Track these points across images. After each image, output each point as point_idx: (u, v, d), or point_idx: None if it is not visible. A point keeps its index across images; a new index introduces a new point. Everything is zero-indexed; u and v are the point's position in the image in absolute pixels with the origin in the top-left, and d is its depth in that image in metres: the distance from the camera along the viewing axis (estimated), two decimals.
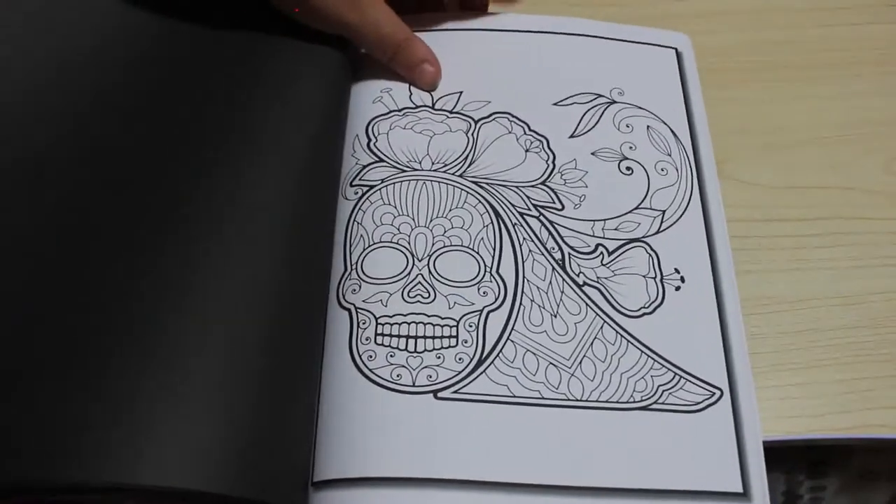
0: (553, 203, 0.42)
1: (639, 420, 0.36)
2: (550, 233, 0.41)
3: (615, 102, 0.46)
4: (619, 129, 0.45)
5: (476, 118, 0.45)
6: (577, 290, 0.40)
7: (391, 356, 0.37)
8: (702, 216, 0.42)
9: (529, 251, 0.41)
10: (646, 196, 0.43)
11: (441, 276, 0.40)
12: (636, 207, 0.43)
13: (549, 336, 0.38)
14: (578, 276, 0.40)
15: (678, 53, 0.49)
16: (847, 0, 0.53)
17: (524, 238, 0.41)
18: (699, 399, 0.37)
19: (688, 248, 0.41)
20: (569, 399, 0.37)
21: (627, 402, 0.37)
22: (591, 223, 0.42)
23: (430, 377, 0.37)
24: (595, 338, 0.39)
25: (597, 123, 0.45)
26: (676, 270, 0.41)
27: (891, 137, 0.47)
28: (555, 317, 0.39)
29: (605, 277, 0.40)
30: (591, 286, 0.40)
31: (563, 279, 0.40)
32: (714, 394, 0.37)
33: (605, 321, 0.39)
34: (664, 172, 0.44)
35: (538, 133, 0.45)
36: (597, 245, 0.41)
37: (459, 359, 0.37)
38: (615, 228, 0.42)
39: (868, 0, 0.53)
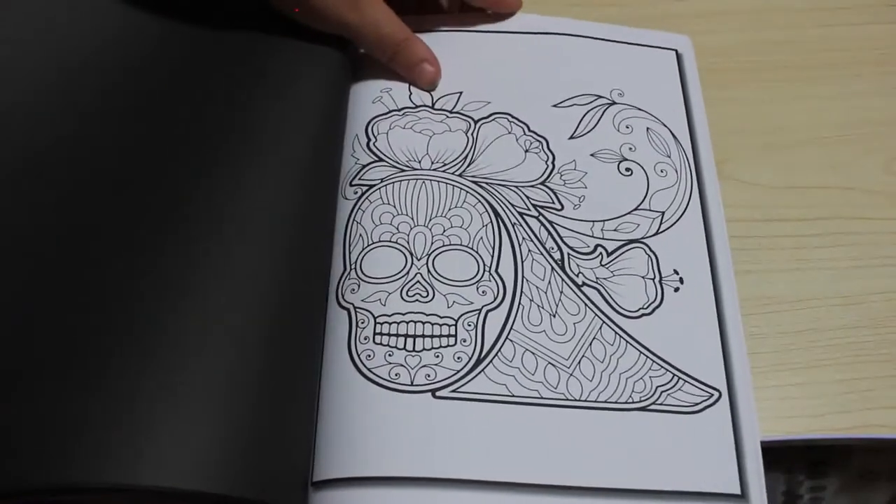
0: (552, 203, 0.42)
1: (637, 421, 0.36)
2: (550, 233, 0.41)
3: (615, 104, 0.46)
4: (619, 131, 0.45)
5: (476, 118, 0.45)
6: (577, 291, 0.40)
7: (389, 355, 0.37)
8: (701, 218, 0.42)
9: (529, 251, 0.41)
10: (645, 197, 0.43)
11: (440, 276, 0.40)
12: (635, 208, 0.43)
13: (548, 336, 0.38)
14: (577, 277, 0.40)
15: (678, 55, 0.49)
16: (847, 0, 0.52)
17: (523, 238, 0.41)
18: (697, 400, 0.37)
19: (687, 250, 0.41)
20: (567, 399, 0.37)
21: (626, 403, 0.37)
22: (591, 224, 0.42)
23: (429, 376, 0.37)
24: (594, 338, 0.39)
25: (596, 125, 0.45)
26: (675, 272, 0.41)
27: (891, 137, 0.47)
28: (554, 317, 0.39)
29: (604, 278, 0.40)
30: (591, 286, 0.40)
31: (563, 279, 0.40)
32: (712, 395, 0.37)
33: (604, 322, 0.39)
34: (663, 174, 0.44)
35: (538, 134, 0.45)
36: (596, 246, 0.41)
37: (458, 358, 0.37)
38: (614, 229, 0.42)
39: (868, 0, 0.52)
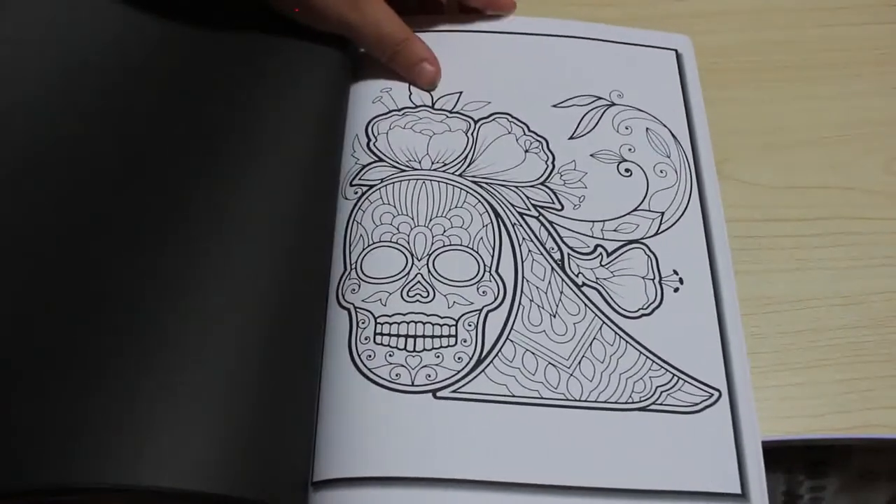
0: (552, 203, 0.42)
1: (637, 421, 0.36)
2: (550, 233, 0.41)
3: (614, 104, 0.46)
4: (619, 131, 0.45)
5: (476, 118, 0.45)
6: (577, 291, 0.40)
7: (390, 356, 0.37)
8: (701, 218, 0.42)
9: (529, 251, 0.41)
10: (645, 198, 0.43)
11: (440, 276, 0.40)
12: (635, 209, 0.43)
13: (549, 336, 0.38)
14: (577, 277, 0.40)
15: (678, 55, 0.49)
16: (847, 0, 0.53)
17: (523, 238, 0.41)
18: (697, 400, 0.37)
19: (686, 250, 0.41)
20: (568, 399, 0.37)
21: (626, 403, 0.37)
22: (591, 224, 0.42)
23: (429, 376, 0.37)
24: (594, 338, 0.39)
25: (596, 125, 0.45)
26: (675, 272, 0.41)
27: (891, 137, 0.47)
28: (554, 317, 0.39)
29: (604, 278, 0.40)
30: (590, 287, 0.40)
31: (563, 279, 0.40)
32: (712, 395, 0.37)
33: (604, 322, 0.39)
34: (663, 174, 0.44)
35: (538, 134, 0.45)
36: (596, 246, 0.41)
37: (458, 358, 0.37)
38: (614, 230, 0.42)
39: (868, 0, 0.52)
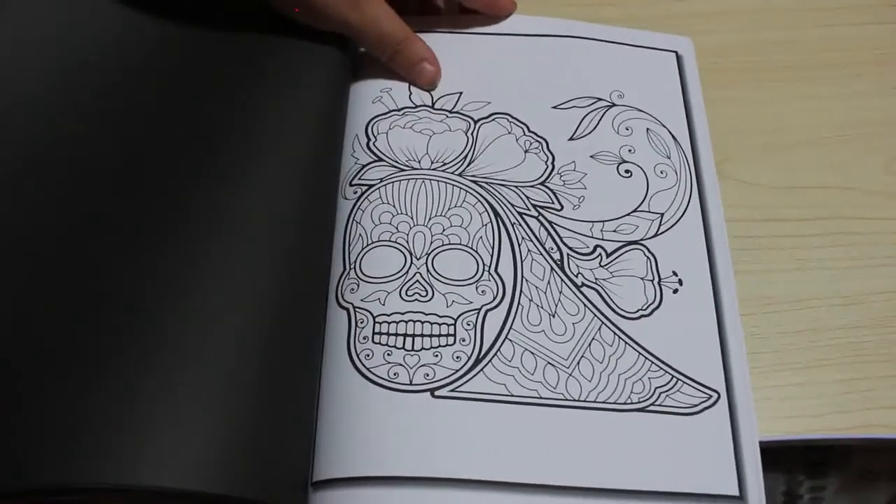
0: (552, 203, 0.42)
1: (636, 421, 0.36)
2: (549, 233, 0.41)
3: (614, 105, 0.46)
4: (619, 133, 0.45)
5: (476, 118, 0.45)
6: (576, 291, 0.40)
7: (388, 355, 0.37)
8: (701, 219, 0.42)
9: (528, 251, 0.41)
10: (644, 199, 0.43)
11: (439, 275, 0.40)
12: (634, 210, 0.42)
13: (548, 336, 0.38)
14: (577, 277, 0.40)
15: (679, 57, 0.48)
16: (847, 0, 0.52)
17: (523, 237, 0.41)
18: (696, 402, 0.37)
19: (686, 252, 0.41)
20: (567, 399, 0.37)
21: (625, 404, 0.37)
22: (590, 224, 0.42)
23: (428, 375, 0.37)
24: (593, 339, 0.39)
25: (596, 127, 0.45)
26: (674, 273, 0.41)
27: (891, 137, 0.47)
28: (553, 317, 0.39)
29: (604, 279, 0.40)
30: (590, 287, 0.40)
31: (562, 279, 0.40)
32: (711, 396, 0.37)
33: (603, 322, 0.39)
34: (663, 175, 0.44)
35: (537, 134, 0.45)
36: (595, 246, 0.41)
37: (457, 357, 0.37)
38: (614, 230, 0.42)
39: (868, 0, 0.52)
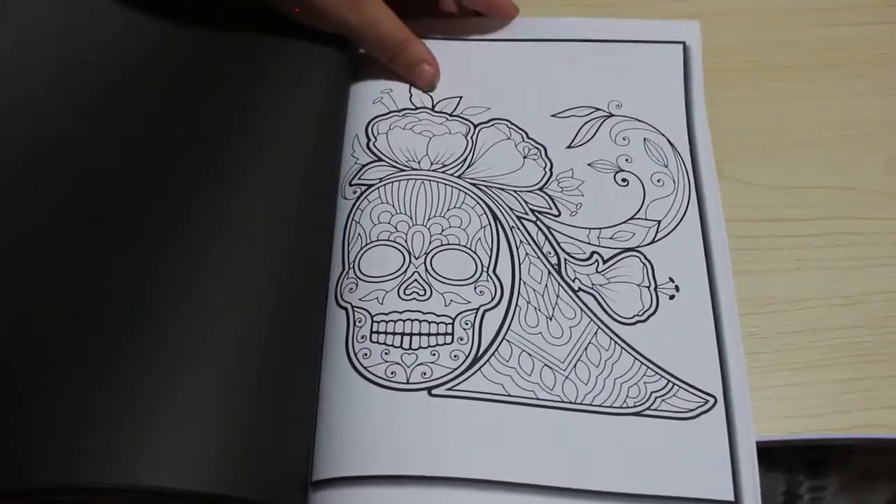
0: (550, 209, 0.42)
1: (632, 425, 0.36)
2: (547, 237, 0.41)
3: (612, 115, 0.46)
4: (616, 142, 0.45)
5: (475, 122, 0.45)
6: (573, 295, 0.40)
7: (386, 353, 0.37)
8: (699, 226, 0.42)
9: (526, 254, 0.41)
10: (641, 207, 0.43)
11: (438, 274, 0.40)
12: (631, 218, 0.42)
13: (545, 338, 0.38)
14: (574, 282, 0.40)
15: (685, 48, 0.48)
16: (847, 0, 0.52)
17: (521, 241, 0.41)
18: (692, 406, 0.37)
19: (683, 258, 0.41)
20: (563, 401, 0.37)
21: (621, 407, 0.37)
22: (587, 231, 0.42)
23: (425, 374, 0.37)
24: (589, 342, 0.39)
25: (594, 136, 0.45)
26: (671, 280, 0.41)
27: (891, 137, 0.47)
28: (550, 319, 0.39)
29: (600, 284, 0.40)
30: (586, 292, 0.40)
31: (559, 283, 0.40)
32: (707, 401, 0.37)
33: (600, 327, 0.39)
34: (660, 183, 0.44)
35: (536, 141, 0.45)
36: (592, 252, 0.41)
37: (455, 356, 0.37)
38: (610, 237, 0.42)
39: (868, 0, 0.52)
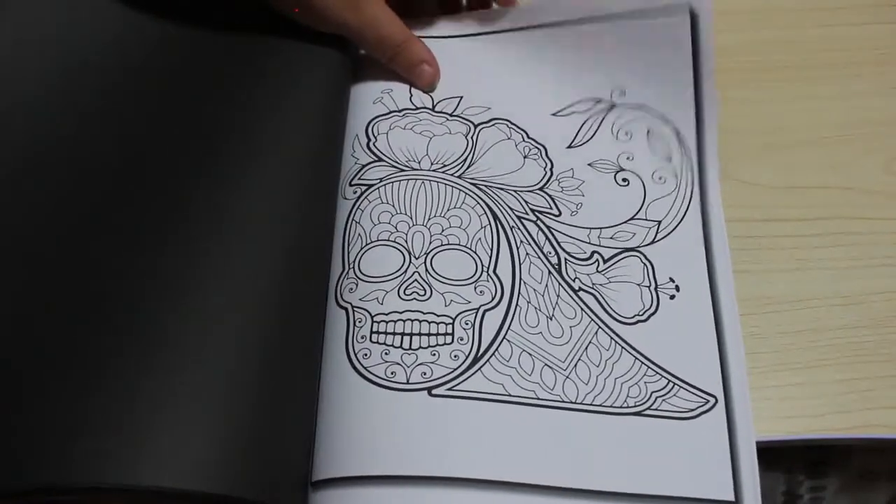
0: (550, 209, 0.42)
1: (632, 425, 0.36)
2: (547, 237, 0.41)
3: (615, 106, 0.46)
4: (618, 138, 0.45)
5: (476, 122, 0.45)
6: (573, 295, 0.40)
7: (386, 353, 0.37)
8: (700, 223, 0.42)
9: (526, 254, 0.41)
10: (641, 207, 0.43)
11: (438, 274, 0.40)
12: (631, 218, 0.42)
13: (545, 338, 0.38)
14: (574, 282, 0.40)
15: (693, 15, 0.45)
16: (847, 0, 0.53)
17: (521, 241, 0.41)
18: (693, 406, 0.37)
19: (684, 258, 0.41)
20: (563, 401, 0.37)
21: (621, 407, 0.37)
22: (588, 231, 0.42)
23: (425, 374, 0.37)
24: (590, 342, 0.39)
25: (594, 134, 0.45)
26: (671, 280, 0.41)
27: (891, 137, 0.47)
28: (550, 319, 0.39)
29: (601, 284, 0.40)
30: (587, 292, 0.40)
31: (559, 283, 0.40)
32: (708, 401, 0.37)
33: (600, 326, 0.39)
34: (661, 181, 0.44)
35: (536, 141, 0.45)
36: (592, 252, 0.41)
37: (455, 356, 0.37)
38: (611, 237, 0.42)
39: (868, 0, 0.52)
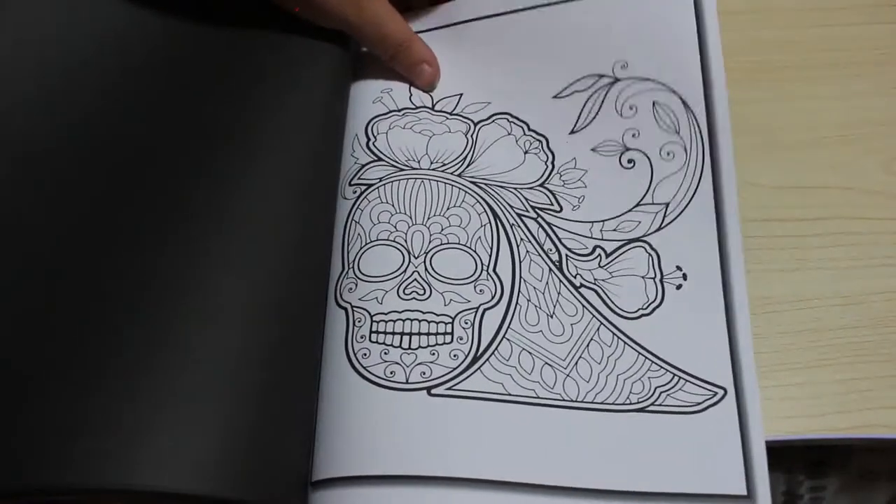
0: (551, 205, 0.42)
1: (635, 421, 0.36)
2: (548, 234, 0.41)
3: (618, 80, 0.44)
4: (622, 114, 0.43)
5: (475, 120, 0.45)
6: (574, 292, 0.40)
7: (385, 353, 0.37)
8: (712, 199, 0.41)
9: (527, 252, 0.41)
10: (648, 190, 0.42)
11: (437, 274, 0.39)
12: (637, 205, 0.42)
13: (545, 336, 0.38)
14: (575, 278, 0.40)
15: None
16: (847, 0, 0.52)
17: (521, 239, 0.41)
18: (700, 399, 0.37)
19: (693, 241, 0.40)
20: (564, 399, 0.37)
21: (623, 404, 0.37)
22: (590, 225, 0.42)
23: (424, 374, 0.37)
24: (591, 339, 0.38)
25: (598, 113, 0.44)
26: (678, 268, 0.40)
27: (891, 137, 0.47)
28: (551, 317, 0.39)
29: (603, 279, 0.40)
30: (588, 288, 0.40)
31: (560, 281, 0.40)
32: (716, 393, 0.37)
33: (602, 323, 0.39)
34: (670, 157, 0.42)
35: (538, 132, 0.44)
36: (595, 247, 0.41)
37: (454, 355, 0.37)
38: (614, 229, 0.41)
39: (868, 0, 0.52)
